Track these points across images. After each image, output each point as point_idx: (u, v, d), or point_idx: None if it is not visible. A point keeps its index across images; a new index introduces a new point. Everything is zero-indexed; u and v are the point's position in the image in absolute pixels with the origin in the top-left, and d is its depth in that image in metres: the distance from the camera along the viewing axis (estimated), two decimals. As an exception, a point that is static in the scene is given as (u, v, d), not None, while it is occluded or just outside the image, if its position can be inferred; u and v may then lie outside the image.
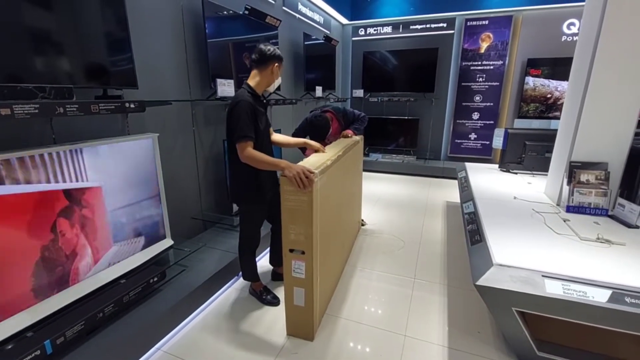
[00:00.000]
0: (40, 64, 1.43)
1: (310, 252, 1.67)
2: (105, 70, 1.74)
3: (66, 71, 1.54)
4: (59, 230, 1.50)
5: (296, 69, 4.41)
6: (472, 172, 3.43)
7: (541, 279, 1.50)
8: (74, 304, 1.56)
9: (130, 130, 2.11)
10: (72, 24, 1.57)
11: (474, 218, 2.25)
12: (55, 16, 1.50)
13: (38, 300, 1.45)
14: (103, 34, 1.74)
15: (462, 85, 5.60)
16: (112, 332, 1.60)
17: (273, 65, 1.89)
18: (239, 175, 1.93)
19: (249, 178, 1.91)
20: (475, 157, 5.74)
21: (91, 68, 1.66)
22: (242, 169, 1.85)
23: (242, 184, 1.96)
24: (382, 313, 2.08)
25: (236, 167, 1.89)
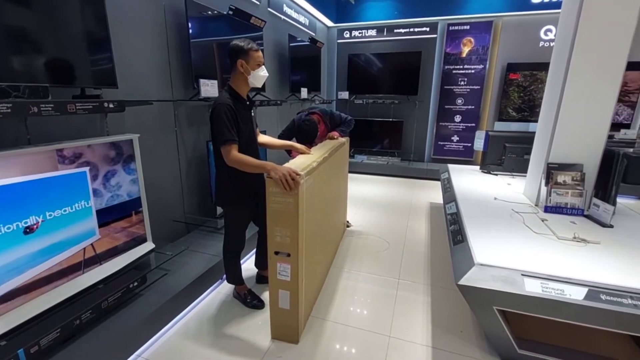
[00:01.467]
0: (14, 62, 1.37)
1: (295, 254, 1.66)
2: (83, 69, 1.69)
3: (42, 69, 1.48)
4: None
5: (281, 70, 4.40)
6: (455, 174, 3.50)
7: (521, 278, 1.54)
8: (49, 311, 1.49)
9: (110, 131, 2.05)
10: (48, 21, 1.52)
11: (456, 219, 2.29)
12: (31, 12, 1.44)
13: (12, 307, 1.39)
14: (81, 31, 1.68)
15: (445, 89, 5.72)
16: (89, 340, 1.54)
17: (239, 62, 1.82)
18: (224, 177, 1.92)
19: (234, 180, 1.90)
20: (458, 158, 5.87)
21: (68, 66, 1.60)
22: (227, 171, 1.84)
23: (227, 186, 1.94)
24: (367, 314, 2.08)
25: (221, 169, 1.88)
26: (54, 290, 1.56)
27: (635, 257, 1.69)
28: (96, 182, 1.71)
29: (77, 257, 1.65)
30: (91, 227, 1.72)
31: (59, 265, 1.57)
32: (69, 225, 1.60)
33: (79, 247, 1.66)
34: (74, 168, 1.58)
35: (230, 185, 1.91)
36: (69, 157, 1.55)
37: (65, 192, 1.56)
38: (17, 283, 1.39)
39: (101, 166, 1.73)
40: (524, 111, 5.35)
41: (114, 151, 1.82)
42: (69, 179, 1.57)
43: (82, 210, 1.65)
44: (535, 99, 5.24)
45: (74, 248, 1.64)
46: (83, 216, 1.66)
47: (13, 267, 1.38)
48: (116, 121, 2.09)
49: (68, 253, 1.61)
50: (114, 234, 1.87)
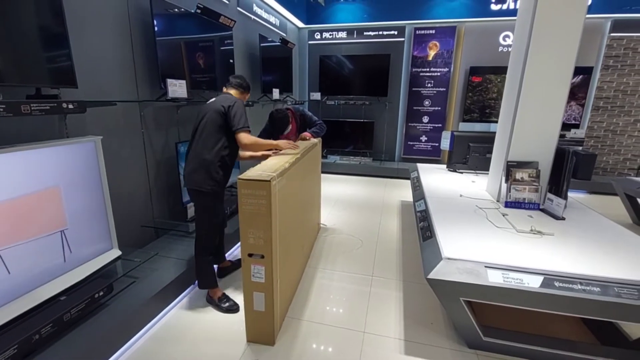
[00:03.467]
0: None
1: (269, 255, 1.66)
2: (37, 67, 1.59)
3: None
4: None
5: (252, 70, 4.35)
6: (423, 173, 3.63)
7: (484, 269, 1.63)
8: (4, 326, 1.39)
9: (70, 133, 1.95)
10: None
11: (425, 215, 2.39)
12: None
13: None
14: (34, 25, 1.58)
15: (413, 90, 5.91)
16: (50, 355, 1.46)
17: (247, 94, 2.36)
18: (214, 167, 2.01)
19: (224, 171, 2.08)
20: (426, 158, 6.08)
21: (20, 64, 1.51)
22: (219, 162, 2.02)
23: (212, 177, 2.02)
24: (342, 312, 2.12)
25: (213, 158, 2.00)
26: (11, 303, 1.46)
27: (584, 246, 1.85)
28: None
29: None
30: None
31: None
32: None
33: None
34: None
35: (216, 177, 2.03)
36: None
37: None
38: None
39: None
40: (486, 112, 5.64)
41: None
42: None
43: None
44: (495, 101, 5.55)
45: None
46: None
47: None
48: (77, 123, 1.99)
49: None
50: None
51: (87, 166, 1.86)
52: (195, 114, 3.03)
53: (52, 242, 1.65)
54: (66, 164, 1.72)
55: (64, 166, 1.71)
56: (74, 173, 1.77)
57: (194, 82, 2.90)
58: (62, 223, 1.70)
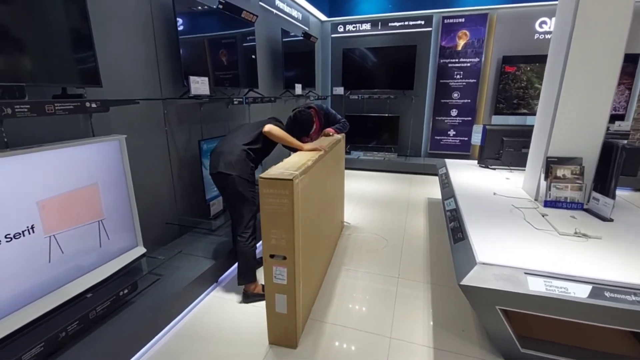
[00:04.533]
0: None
1: (292, 257, 1.60)
2: (64, 67, 1.60)
3: (17, 68, 1.39)
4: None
5: (274, 66, 4.30)
6: (452, 169, 3.46)
7: (524, 276, 1.50)
8: (31, 324, 1.42)
9: (96, 132, 1.97)
10: (25, 17, 1.43)
11: (456, 215, 2.25)
12: (5, 7, 1.35)
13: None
14: (61, 27, 1.59)
15: (441, 83, 5.66)
16: (76, 352, 1.48)
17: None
18: (249, 157, 2.14)
19: (253, 164, 2.20)
20: (455, 153, 5.83)
21: (46, 64, 1.52)
22: (254, 153, 2.17)
23: (250, 165, 2.14)
24: (366, 315, 2.04)
25: (249, 149, 2.14)
26: (38, 301, 1.49)
27: (637, 252, 1.66)
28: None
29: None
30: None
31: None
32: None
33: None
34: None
35: (254, 165, 2.18)
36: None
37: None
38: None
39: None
40: (521, 104, 5.32)
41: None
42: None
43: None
44: (531, 92, 5.21)
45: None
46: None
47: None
48: (102, 121, 2.01)
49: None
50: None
51: (113, 164, 1.87)
52: (218, 111, 3.03)
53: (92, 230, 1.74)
54: (96, 162, 1.75)
55: (93, 164, 1.73)
56: (103, 171, 1.80)
57: (217, 79, 2.88)
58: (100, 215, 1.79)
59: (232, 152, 2.09)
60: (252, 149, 2.15)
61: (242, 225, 2.10)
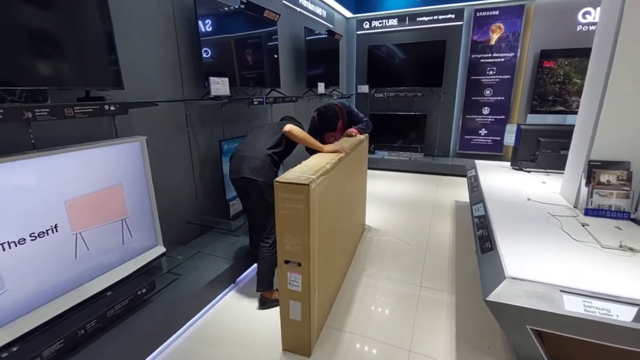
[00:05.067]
0: (8, 65, 1.32)
1: (307, 263, 1.55)
2: (86, 70, 1.64)
3: (39, 72, 1.43)
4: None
5: (298, 65, 4.26)
6: (483, 171, 3.26)
7: (559, 294, 1.35)
8: (52, 321, 1.46)
9: (119, 133, 2.02)
10: (47, 20, 1.47)
11: (485, 222, 2.10)
12: (26, 11, 1.39)
13: (15, 317, 1.37)
14: (83, 30, 1.63)
15: (472, 79, 5.39)
16: (94, 350, 1.51)
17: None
18: (274, 162, 2.12)
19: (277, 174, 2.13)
20: (486, 153, 5.54)
21: (69, 68, 1.55)
22: (277, 157, 2.15)
23: (274, 170, 2.10)
24: (385, 325, 1.95)
25: (272, 154, 2.11)
26: (58, 299, 1.54)
27: (699, 271, 1.46)
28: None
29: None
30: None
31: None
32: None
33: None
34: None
35: (275, 173, 2.10)
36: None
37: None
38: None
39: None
40: (560, 102, 4.95)
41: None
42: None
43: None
44: (569, 87, 4.84)
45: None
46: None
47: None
48: (125, 123, 2.05)
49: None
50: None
51: (134, 165, 1.90)
52: (240, 111, 3.04)
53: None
54: (119, 163, 1.79)
55: (116, 165, 1.77)
56: (125, 171, 1.83)
57: (238, 79, 2.88)
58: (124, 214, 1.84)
59: (256, 157, 2.03)
60: (276, 152, 2.12)
61: (265, 231, 2.05)
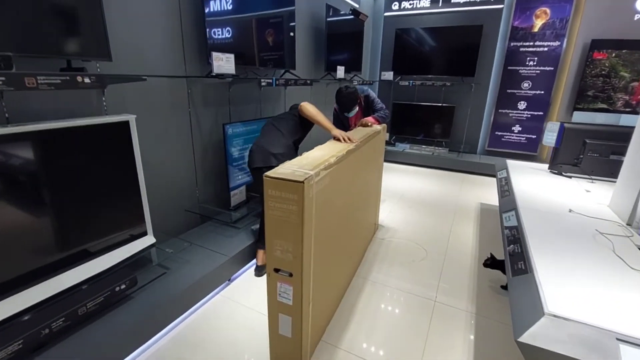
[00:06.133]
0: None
1: (299, 274, 1.31)
2: (62, 36, 1.43)
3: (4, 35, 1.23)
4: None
5: (316, 46, 3.95)
6: (515, 172, 2.90)
7: (615, 343, 1.06)
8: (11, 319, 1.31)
9: (109, 110, 1.83)
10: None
11: (517, 236, 1.79)
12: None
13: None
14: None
15: (509, 70, 4.90)
16: (56, 353, 1.35)
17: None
18: (294, 150, 2.20)
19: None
20: (518, 152, 5.09)
21: (39, 32, 1.35)
22: (294, 145, 2.23)
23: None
24: (390, 345, 1.70)
25: (295, 141, 2.24)
26: (29, 290, 1.39)
27: None
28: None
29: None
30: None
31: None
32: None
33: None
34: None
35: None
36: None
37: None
38: None
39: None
40: (602, 99, 4.42)
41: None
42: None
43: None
44: (618, 83, 4.28)
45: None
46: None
47: None
48: (118, 99, 1.86)
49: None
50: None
51: (122, 145, 1.71)
52: (250, 93, 2.82)
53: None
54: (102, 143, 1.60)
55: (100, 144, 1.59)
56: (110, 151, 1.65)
57: (247, 57, 2.63)
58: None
59: (287, 154, 2.01)
60: (295, 140, 2.23)
61: None
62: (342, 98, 2.58)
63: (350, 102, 2.58)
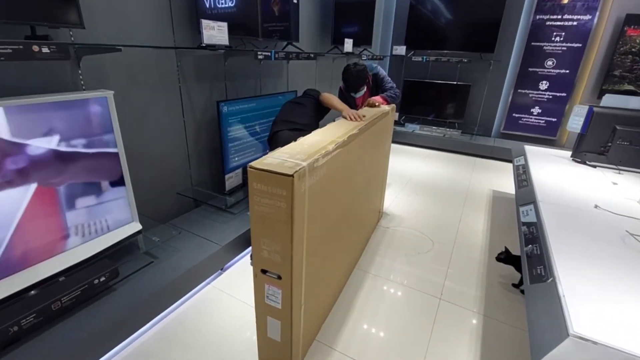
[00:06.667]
0: None
1: (289, 277, 1.17)
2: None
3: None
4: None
5: (322, 15, 3.64)
6: (534, 160, 2.67)
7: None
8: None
9: (87, 85, 1.65)
10: None
11: (536, 234, 1.61)
12: None
13: None
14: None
15: (532, 46, 4.52)
16: (25, 353, 1.25)
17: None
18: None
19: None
20: (536, 136, 4.79)
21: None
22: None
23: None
24: (389, 347, 1.58)
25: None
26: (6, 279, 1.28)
27: None
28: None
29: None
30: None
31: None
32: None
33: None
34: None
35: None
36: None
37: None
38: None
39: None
40: (630, 80, 4.06)
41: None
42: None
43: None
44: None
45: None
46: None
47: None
48: (96, 73, 1.68)
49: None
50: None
51: (98, 124, 1.55)
52: (248, 67, 2.64)
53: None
54: (72, 122, 1.43)
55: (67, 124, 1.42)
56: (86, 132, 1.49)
57: (242, 26, 2.39)
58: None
59: (312, 126, 2.12)
60: (317, 119, 2.25)
61: None
62: (349, 76, 2.40)
63: (358, 81, 2.40)
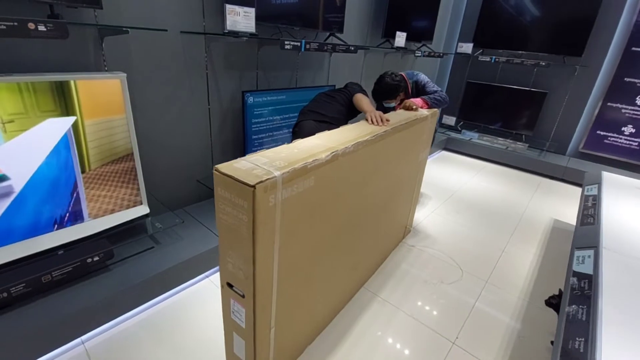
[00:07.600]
0: None
1: (251, 297, 1.03)
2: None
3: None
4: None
5: (376, 5, 3.35)
6: (612, 191, 2.17)
7: None
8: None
9: (110, 67, 1.68)
10: None
11: (587, 292, 1.25)
12: None
13: None
14: None
15: (631, 51, 3.72)
16: (10, 319, 1.29)
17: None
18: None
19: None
20: (625, 160, 3.97)
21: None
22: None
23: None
24: (379, 389, 1.37)
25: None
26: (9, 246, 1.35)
27: None
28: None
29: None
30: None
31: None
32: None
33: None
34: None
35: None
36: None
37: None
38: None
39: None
40: None
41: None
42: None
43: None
44: None
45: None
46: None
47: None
48: (121, 54, 1.70)
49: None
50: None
51: (110, 107, 1.56)
52: (284, 58, 2.58)
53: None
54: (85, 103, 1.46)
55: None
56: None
57: (276, 13, 2.26)
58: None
59: (340, 120, 2.09)
60: (348, 116, 2.20)
61: None
62: (378, 87, 2.24)
63: (386, 94, 2.23)
